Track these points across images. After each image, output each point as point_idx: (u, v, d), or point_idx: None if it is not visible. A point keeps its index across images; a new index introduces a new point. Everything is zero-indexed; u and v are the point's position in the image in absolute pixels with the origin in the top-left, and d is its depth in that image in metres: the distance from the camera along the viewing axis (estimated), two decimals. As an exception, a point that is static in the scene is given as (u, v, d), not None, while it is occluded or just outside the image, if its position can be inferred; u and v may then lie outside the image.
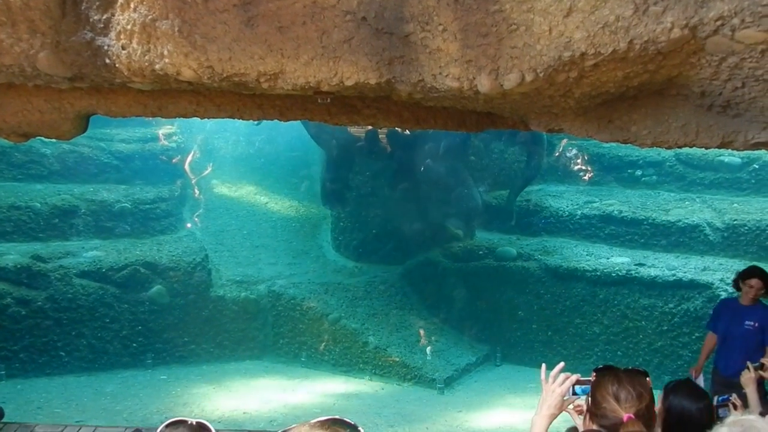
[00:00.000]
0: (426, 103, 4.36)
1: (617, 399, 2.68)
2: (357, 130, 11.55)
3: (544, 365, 2.97)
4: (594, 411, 2.75)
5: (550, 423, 2.86)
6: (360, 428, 1.72)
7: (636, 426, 2.57)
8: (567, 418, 3.05)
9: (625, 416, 2.61)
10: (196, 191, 12.61)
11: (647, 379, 2.79)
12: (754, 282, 6.26)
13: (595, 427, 2.72)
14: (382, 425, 8.43)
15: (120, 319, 10.27)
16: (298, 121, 11.31)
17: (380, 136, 11.28)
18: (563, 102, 4.06)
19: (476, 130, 5.38)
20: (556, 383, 2.86)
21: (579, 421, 2.91)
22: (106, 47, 3.87)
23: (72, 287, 10.01)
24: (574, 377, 2.87)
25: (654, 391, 2.85)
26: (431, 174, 11.18)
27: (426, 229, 11.57)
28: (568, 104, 4.09)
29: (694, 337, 9.79)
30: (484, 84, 3.63)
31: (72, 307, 10.00)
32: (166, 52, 3.70)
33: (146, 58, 3.79)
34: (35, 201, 10.70)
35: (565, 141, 11.97)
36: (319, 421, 1.67)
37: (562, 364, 2.93)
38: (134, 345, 10.35)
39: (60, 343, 9.95)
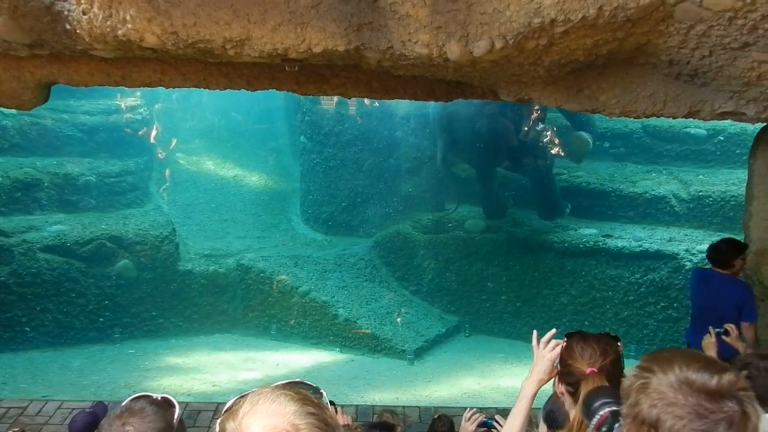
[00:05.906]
0: (395, 71, 4.32)
1: (582, 357, 2.72)
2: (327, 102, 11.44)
3: (535, 331, 2.97)
4: (562, 371, 2.79)
5: (539, 388, 2.88)
6: (322, 390, 1.71)
7: (597, 380, 2.60)
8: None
9: (587, 370, 2.64)
10: (163, 164, 12.43)
11: (618, 343, 2.82)
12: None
13: (563, 388, 2.76)
14: (353, 396, 8.46)
15: (86, 294, 10.13)
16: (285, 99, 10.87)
17: (350, 107, 11.14)
18: (533, 70, 4.05)
19: (446, 100, 5.36)
20: (547, 349, 2.87)
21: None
22: (66, 12, 3.76)
23: (36, 262, 9.85)
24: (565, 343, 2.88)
25: (627, 360, 2.87)
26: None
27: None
28: (537, 73, 4.09)
29: (659, 306, 9.96)
30: (453, 51, 3.60)
31: (36, 282, 9.84)
32: (128, 17, 3.62)
33: (108, 23, 3.69)
34: (-4, 174, 10.47)
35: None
36: (281, 384, 1.67)
37: (554, 330, 2.94)
38: (101, 320, 10.23)
39: (24, 318, 9.81)
